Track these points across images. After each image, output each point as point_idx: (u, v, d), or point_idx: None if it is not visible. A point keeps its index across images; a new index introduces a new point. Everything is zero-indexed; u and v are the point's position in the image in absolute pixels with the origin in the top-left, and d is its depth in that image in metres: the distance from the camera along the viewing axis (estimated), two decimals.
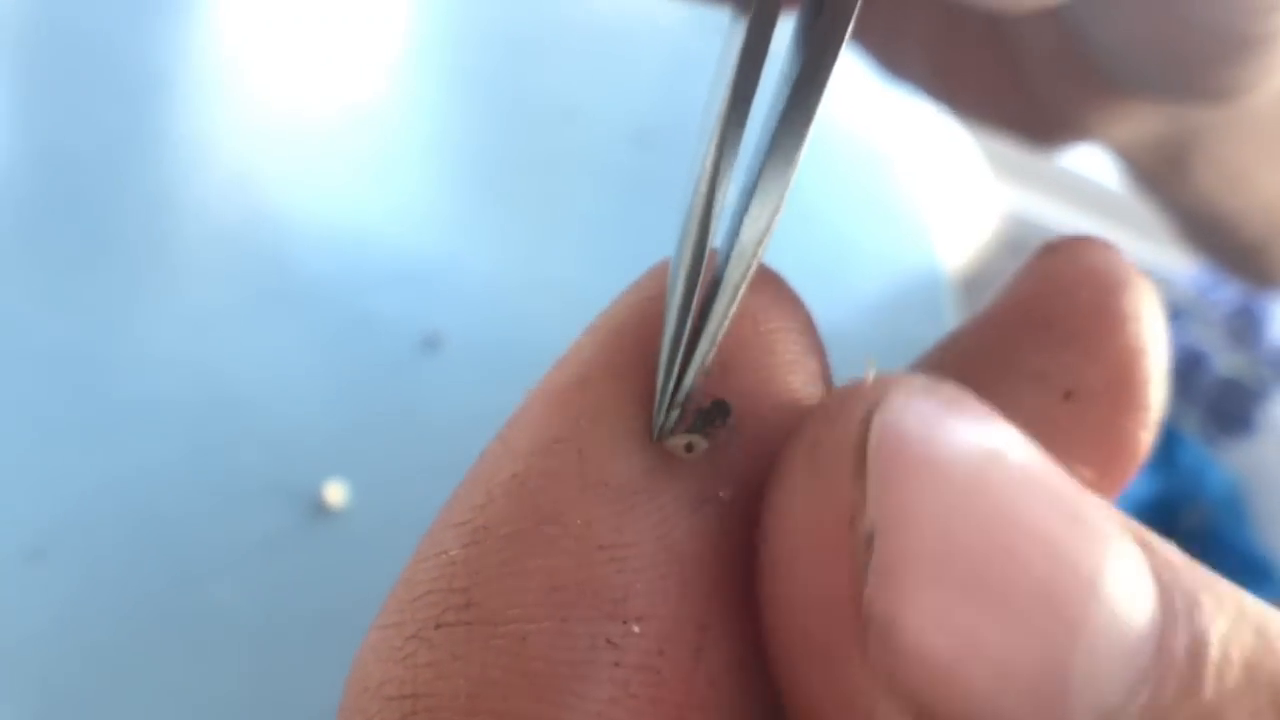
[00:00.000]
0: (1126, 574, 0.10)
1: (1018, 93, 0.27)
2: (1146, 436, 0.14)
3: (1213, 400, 1.00)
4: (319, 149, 0.59)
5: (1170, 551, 0.11)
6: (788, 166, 0.12)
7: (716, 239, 0.13)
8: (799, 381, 0.13)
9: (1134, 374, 0.14)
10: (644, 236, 0.58)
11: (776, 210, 0.12)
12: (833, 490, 0.10)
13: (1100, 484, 0.15)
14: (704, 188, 0.12)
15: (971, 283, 0.95)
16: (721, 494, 0.12)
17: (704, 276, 0.12)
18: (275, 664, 0.38)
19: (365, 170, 0.58)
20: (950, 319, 0.59)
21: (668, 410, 0.12)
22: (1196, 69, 0.23)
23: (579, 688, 0.11)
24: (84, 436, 0.43)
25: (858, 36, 0.28)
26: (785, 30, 0.25)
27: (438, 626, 0.11)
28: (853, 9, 0.13)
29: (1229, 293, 1.07)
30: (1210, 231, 0.37)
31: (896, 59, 0.29)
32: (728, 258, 0.12)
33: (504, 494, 0.12)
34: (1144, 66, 0.24)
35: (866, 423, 0.10)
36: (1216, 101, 0.24)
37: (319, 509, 0.42)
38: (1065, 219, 1.26)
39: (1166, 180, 0.34)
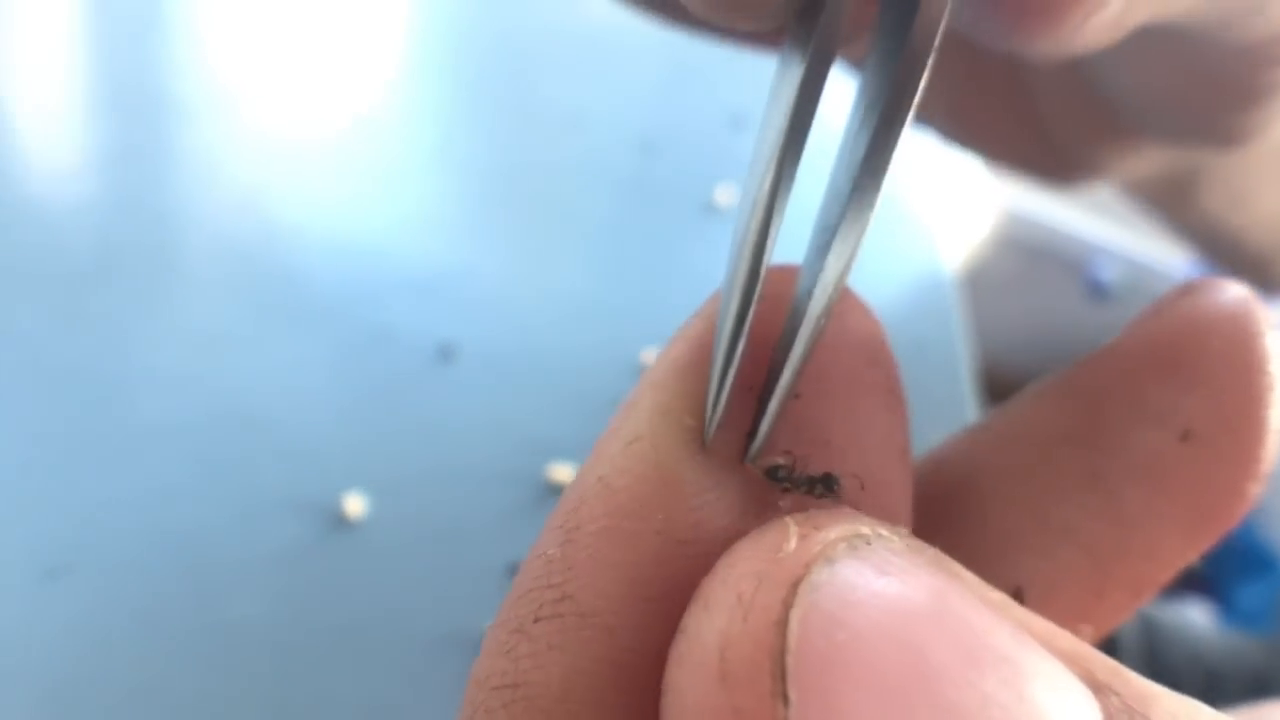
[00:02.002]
0: None
1: (1033, 135, 0.28)
2: (1254, 490, 0.14)
3: None
4: (327, 162, 0.59)
5: (1125, 683, 0.11)
6: (867, 204, 0.13)
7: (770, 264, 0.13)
8: (850, 393, 0.13)
9: (1255, 425, 0.14)
10: (652, 243, 0.58)
11: (857, 247, 0.13)
12: (743, 708, 0.09)
13: (1200, 530, 0.15)
14: (759, 216, 0.13)
15: (970, 279, 0.95)
16: (781, 504, 0.12)
17: (755, 303, 0.13)
18: (297, 679, 0.38)
19: (374, 182, 0.59)
20: (954, 315, 0.59)
21: (756, 433, 0.12)
22: (1205, 116, 0.23)
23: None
24: (100, 454, 0.43)
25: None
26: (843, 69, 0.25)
27: (536, 620, 0.12)
28: (930, 50, 0.13)
29: None
30: (1216, 246, 0.37)
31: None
32: (807, 288, 0.13)
33: (593, 495, 0.12)
34: (1155, 113, 0.24)
35: (784, 624, 0.09)
36: (1224, 146, 0.24)
37: (339, 521, 0.42)
38: (1060, 217, 1.26)
39: (1175, 206, 0.34)
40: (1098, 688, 0.10)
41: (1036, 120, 0.27)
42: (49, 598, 0.38)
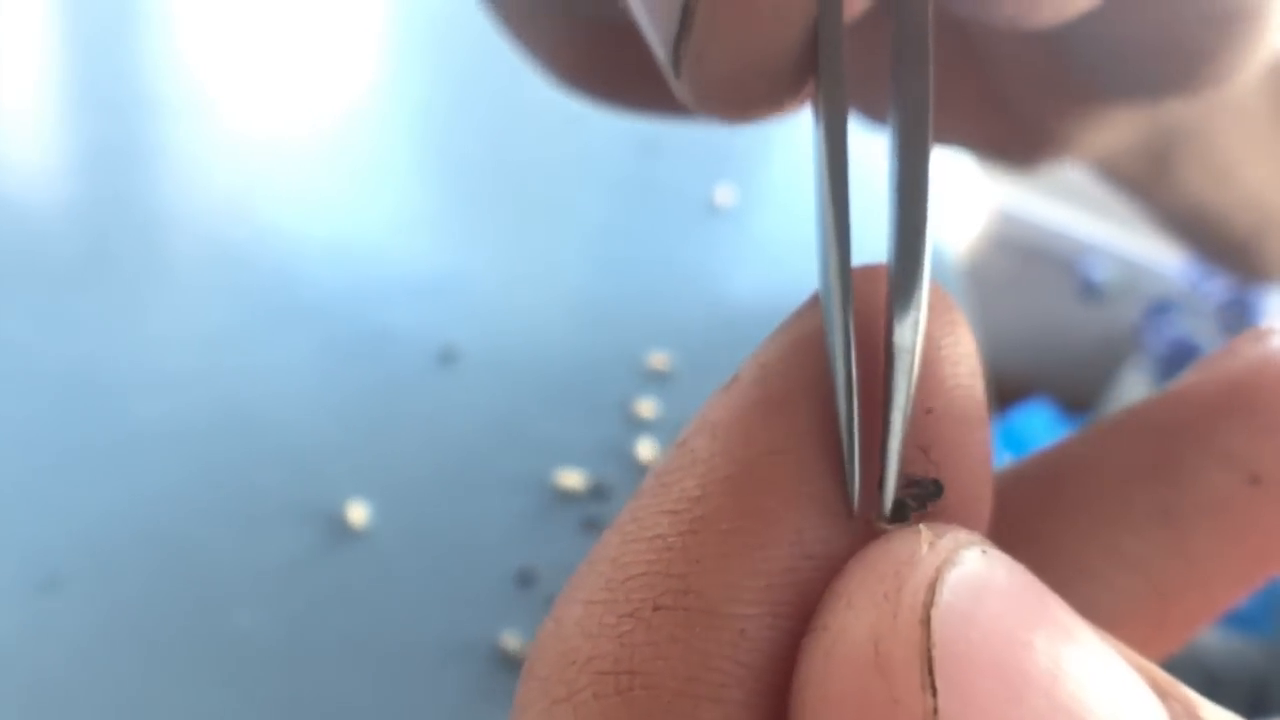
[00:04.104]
0: None
1: (995, 113, 0.27)
2: None
3: None
4: (319, 162, 0.59)
5: (1181, 693, 0.11)
6: (922, 234, 0.14)
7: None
8: (961, 408, 0.13)
9: None
10: (653, 243, 0.58)
11: (927, 267, 0.13)
12: (901, 699, 0.10)
13: (1257, 572, 0.15)
14: (835, 264, 0.13)
15: (966, 275, 0.95)
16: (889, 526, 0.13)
17: (854, 345, 0.13)
18: (301, 690, 0.38)
19: (369, 182, 0.58)
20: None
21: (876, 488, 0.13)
22: (1184, 52, 0.22)
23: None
24: (97, 461, 0.42)
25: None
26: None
27: (656, 609, 0.12)
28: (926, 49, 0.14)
29: (1220, 284, 1.08)
30: (1199, 231, 0.38)
31: (871, 99, 0.29)
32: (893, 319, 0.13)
33: (721, 492, 0.12)
34: (1128, 60, 0.23)
35: (928, 623, 0.10)
36: (1201, 88, 0.24)
37: (341, 530, 0.42)
38: (1053, 216, 1.27)
39: (1153, 185, 0.34)
40: (1162, 694, 0.11)
41: (997, 96, 0.27)
42: (45, 610, 0.38)
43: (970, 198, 1.19)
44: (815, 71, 0.15)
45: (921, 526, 0.12)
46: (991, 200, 1.24)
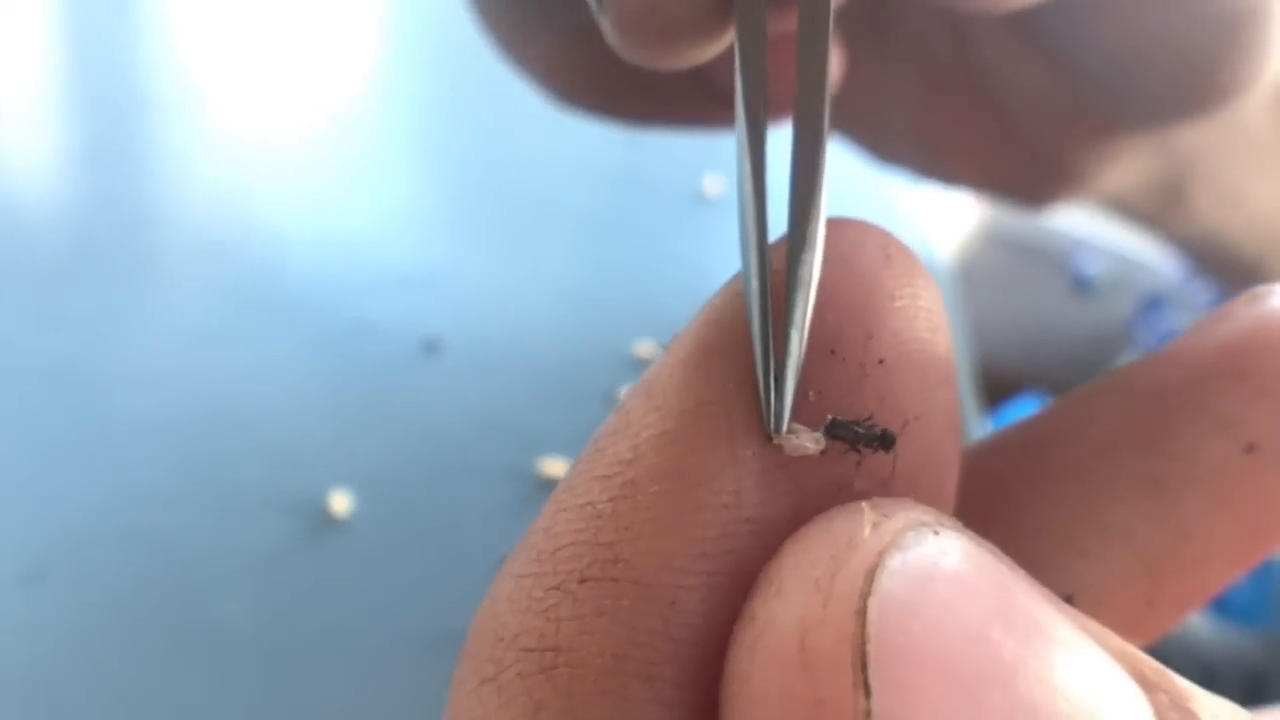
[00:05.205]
0: None
1: (1009, 150, 0.27)
2: None
3: None
4: (306, 158, 0.58)
5: (1171, 682, 0.11)
6: (815, 191, 0.13)
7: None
8: (916, 365, 0.12)
9: None
10: (640, 234, 0.58)
11: (821, 213, 0.13)
12: (827, 699, 0.09)
13: (1254, 545, 0.14)
14: (750, 201, 0.13)
15: (958, 271, 0.95)
16: (857, 484, 0.12)
17: (770, 287, 0.12)
18: (284, 681, 0.38)
19: (354, 176, 0.58)
20: (948, 307, 0.59)
21: (776, 403, 0.12)
22: (1193, 63, 0.22)
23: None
24: (80, 454, 0.42)
25: (843, 125, 0.28)
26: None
27: (582, 580, 0.11)
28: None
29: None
30: (1209, 254, 0.37)
31: (883, 140, 0.29)
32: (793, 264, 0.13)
33: (652, 450, 0.11)
34: (1138, 78, 0.23)
35: (863, 613, 0.09)
36: (1213, 103, 0.23)
37: (325, 520, 0.42)
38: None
39: (1165, 215, 0.34)
40: (1147, 686, 0.10)
41: (1013, 135, 0.26)
42: (27, 604, 0.38)
43: (962, 195, 1.19)
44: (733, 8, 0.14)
45: (865, 505, 0.10)
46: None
